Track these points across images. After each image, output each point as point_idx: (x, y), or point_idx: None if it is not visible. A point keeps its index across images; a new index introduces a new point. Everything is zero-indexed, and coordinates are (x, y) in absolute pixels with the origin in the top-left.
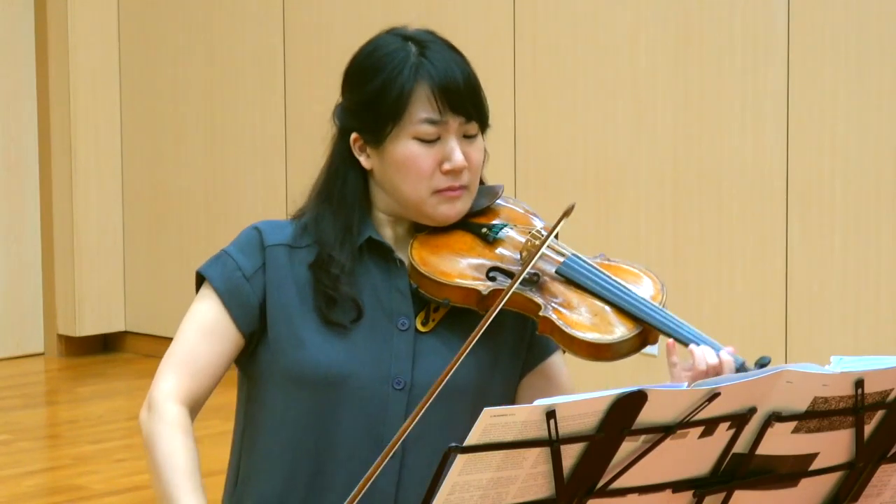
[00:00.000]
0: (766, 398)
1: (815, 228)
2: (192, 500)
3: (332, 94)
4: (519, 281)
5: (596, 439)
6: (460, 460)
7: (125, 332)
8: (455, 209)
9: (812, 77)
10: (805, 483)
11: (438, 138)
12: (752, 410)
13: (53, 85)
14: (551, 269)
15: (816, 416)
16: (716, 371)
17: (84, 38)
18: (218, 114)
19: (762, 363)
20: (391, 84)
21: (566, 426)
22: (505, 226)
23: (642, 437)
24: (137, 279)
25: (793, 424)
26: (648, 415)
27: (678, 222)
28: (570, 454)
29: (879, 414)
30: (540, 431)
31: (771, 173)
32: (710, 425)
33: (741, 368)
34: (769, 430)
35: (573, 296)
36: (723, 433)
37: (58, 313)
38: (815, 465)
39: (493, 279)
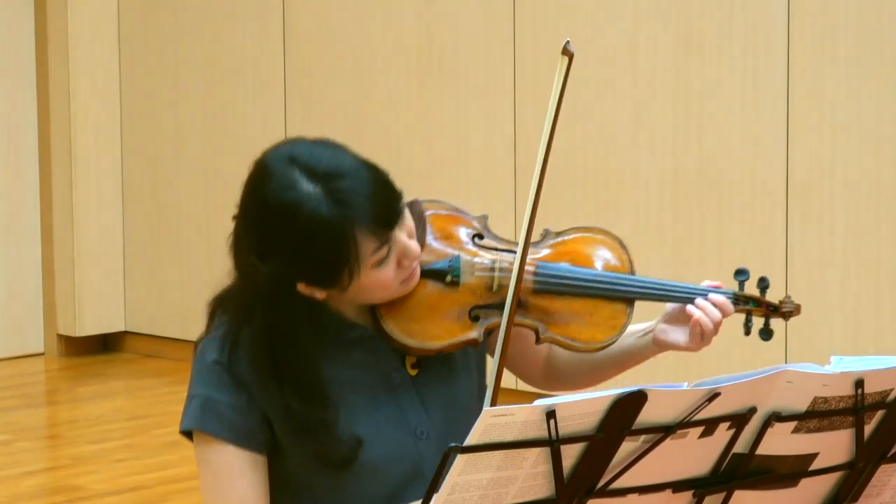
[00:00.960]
0: (766, 398)
1: (815, 228)
2: None
3: (332, 94)
4: (511, 317)
5: (596, 439)
6: (460, 460)
7: (125, 332)
8: (416, 280)
9: (812, 76)
10: (805, 483)
11: (389, 248)
12: (752, 410)
13: (53, 85)
14: (529, 287)
15: (816, 416)
16: (714, 319)
17: (84, 38)
18: (218, 114)
19: (741, 280)
20: (332, 245)
21: (566, 426)
22: (458, 258)
23: (642, 437)
24: (137, 279)
25: (793, 424)
26: (648, 415)
27: (678, 222)
28: (570, 454)
29: (879, 414)
30: (540, 431)
31: (771, 173)
32: (710, 425)
33: (735, 301)
34: (769, 430)
35: (560, 303)
36: (723, 433)
37: (58, 313)
38: (815, 465)
39: (476, 319)
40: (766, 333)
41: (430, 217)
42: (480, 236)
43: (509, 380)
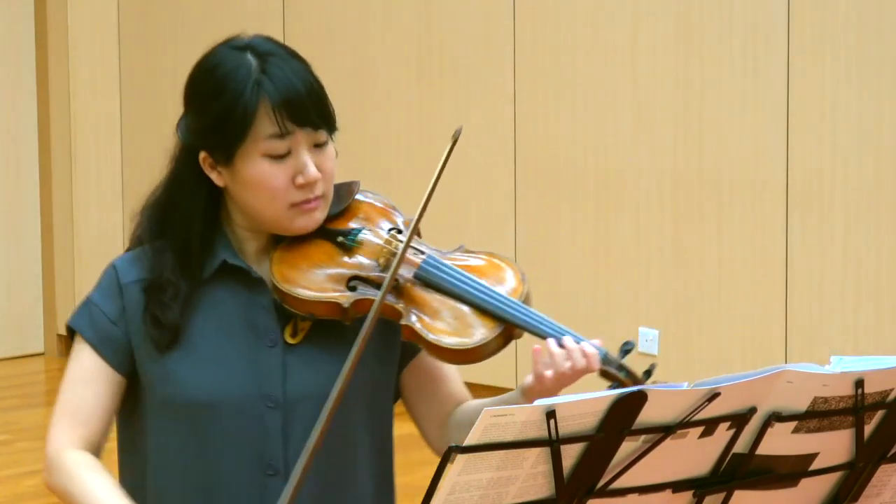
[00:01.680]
0: (766, 398)
1: (815, 228)
2: None
3: (332, 94)
4: (385, 293)
5: (596, 439)
6: (460, 460)
7: None
8: (313, 220)
9: (812, 77)
10: (805, 483)
11: (289, 152)
12: (752, 410)
13: (53, 85)
14: (409, 274)
15: (816, 416)
16: (575, 364)
17: (84, 38)
18: None
19: (626, 349)
20: (234, 104)
21: (566, 426)
22: (361, 230)
23: (642, 437)
24: None
25: (793, 424)
26: (648, 415)
27: (678, 222)
28: (570, 454)
29: (879, 414)
30: (540, 431)
31: (771, 173)
32: (710, 425)
33: (605, 359)
34: (769, 430)
35: (433, 300)
36: (723, 433)
37: (58, 313)
38: (815, 465)
39: (353, 289)
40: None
41: (359, 199)
42: (398, 231)
43: (508, 380)
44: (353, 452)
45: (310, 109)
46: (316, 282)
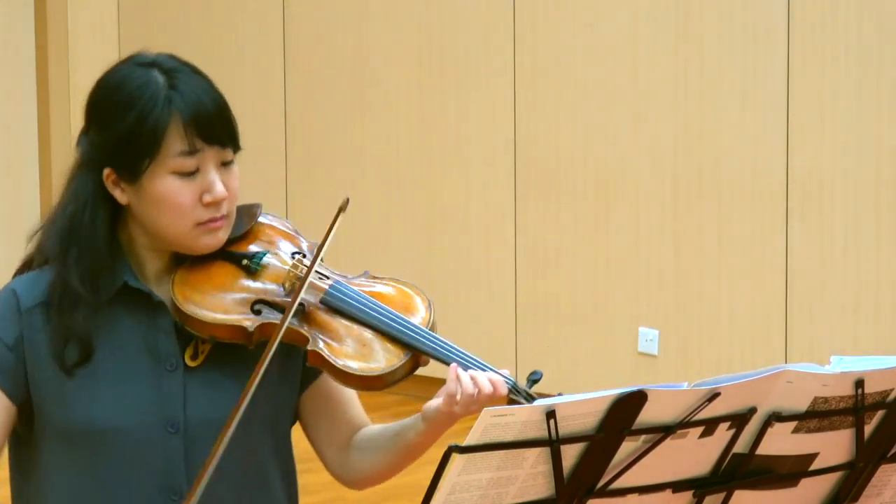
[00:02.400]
0: (766, 398)
1: (815, 228)
2: None
3: (332, 94)
4: (290, 317)
5: (596, 439)
6: (460, 460)
7: None
8: (217, 239)
9: (812, 77)
10: (805, 483)
11: (197, 170)
12: (752, 410)
13: (53, 85)
14: (315, 299)
15: (816, 416)
16: (482, 390)
17: (84, 38)
18: None
19: (534, 379)
20: (144, 120)
21: (566, 426)
22: (266, 254)
23: (642, 437)
24: None
25: (793, 424)
26: (648, 415)
27: (678, 222)
28: (570, 454)
29: (879, 414)
30: (540, 431)
31: (771, 173)
32: (710, 425)
33: (514, 388)
34: (769, 430)
35: (339, 326)
36: (723, 433)
37: None
38: (815, 465)
39: (258, 312)
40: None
41: (261, 222)
42: (302, 255)
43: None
44: (265, 478)
45: (219, 127)
46: (220, 304)
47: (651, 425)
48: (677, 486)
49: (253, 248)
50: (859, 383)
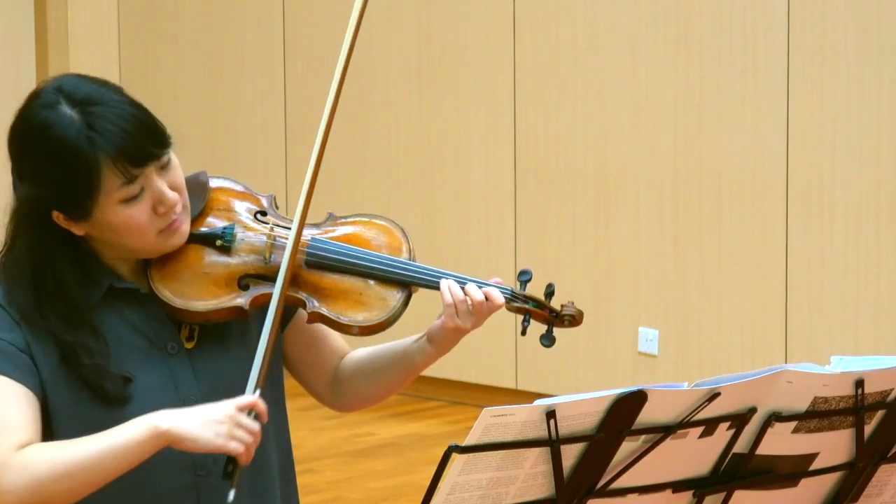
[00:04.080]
0: (766, 398)
1: (815, 228)
2: (127, 426)
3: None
4: (283, 288)
5: (596, 439)
6: (460, 460)
7: None
8: (182, 235)
9: (812, 77)
10: (805, 483)
11: (142, 189)
12: (752, 410)
13: None
14: (300, 261)
15: (816, 416)
16: (478, 299)
17: (84, 38)
18: (218, 114)
19: (524, 280)
20: (74, 168)
21: (566, 426)
22: (233, 227)
23: (642, 437)
24: None
25: (793, 424)
26: (648, 415)
27: (678, 222)
28: (570, 454)
29: (879, 414)
30: (540, 431)
31: (771, 173)
32: (710, 425)
33: (511, 297)
34: (769, 430)
35: (330, 280)
36: (723, 433)
37: None
38: (815, 465)
39: (245, 287)
40: (548, 339)
41: (213, 189)
42: (263, 213)
43: (508, 380)
44: (263, 449)
45: (148, 145)
46: (208, 290)
47: (651, 425)
48: (677, 486)
49: (216, 222)
50: (859, 383)
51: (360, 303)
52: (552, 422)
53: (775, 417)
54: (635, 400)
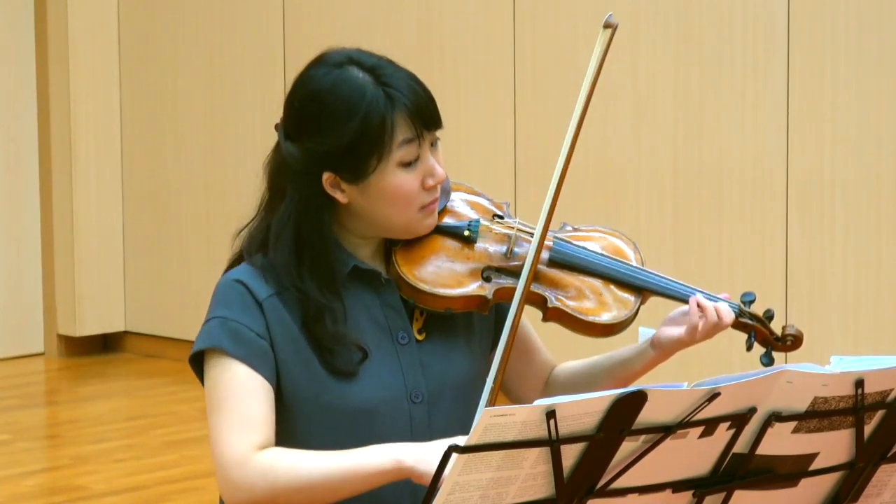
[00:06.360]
0: (766, 398)
1: (815, 228)
2: (370, 453)
3: None
4: (529, 279)
5: (596, 439)
6: (460, 460)
7: (125, 332)
8: (435, 219)
9: (812, 77)
10: (805, 483)
11: (417, 157)
12: (752, 410)
13: (53, 85)
14: (544, 257)
15: (816, 416)
16: (717, 319)
17: (84, 38)
18: (218, 114)
19: (749, 300)
20: (370, 121)
21: (566, 426)
22: (479, 221)
23: (642, 437)
24: (137, 279)
25: (793, 424)
26: (648, 415)
27: (678, 222)
28: (570, 454)
29: (879, 414)
30: (540, 431)
31: (771, 172)
32: (710, 425)
33: (740, 314)
34: (769, 430)
35: (571, 279)
36: (723, 433)
37: (58, 313)
38: (815, 465)
39: (488, 279)
40: (767, 358)
41: (455, 189)
42: (501, 217)
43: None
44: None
45: (434, 111)
46: (454, 277)
47: (651, 425)
48: (677, 486)
49: (462, 215)
50: (859, 383)
51: (601, 303)
52: (552, 422)
53: (775, 417)
54: (635, 400)
